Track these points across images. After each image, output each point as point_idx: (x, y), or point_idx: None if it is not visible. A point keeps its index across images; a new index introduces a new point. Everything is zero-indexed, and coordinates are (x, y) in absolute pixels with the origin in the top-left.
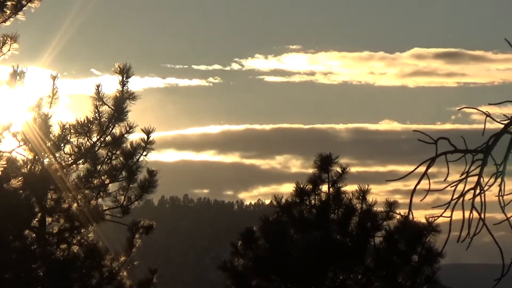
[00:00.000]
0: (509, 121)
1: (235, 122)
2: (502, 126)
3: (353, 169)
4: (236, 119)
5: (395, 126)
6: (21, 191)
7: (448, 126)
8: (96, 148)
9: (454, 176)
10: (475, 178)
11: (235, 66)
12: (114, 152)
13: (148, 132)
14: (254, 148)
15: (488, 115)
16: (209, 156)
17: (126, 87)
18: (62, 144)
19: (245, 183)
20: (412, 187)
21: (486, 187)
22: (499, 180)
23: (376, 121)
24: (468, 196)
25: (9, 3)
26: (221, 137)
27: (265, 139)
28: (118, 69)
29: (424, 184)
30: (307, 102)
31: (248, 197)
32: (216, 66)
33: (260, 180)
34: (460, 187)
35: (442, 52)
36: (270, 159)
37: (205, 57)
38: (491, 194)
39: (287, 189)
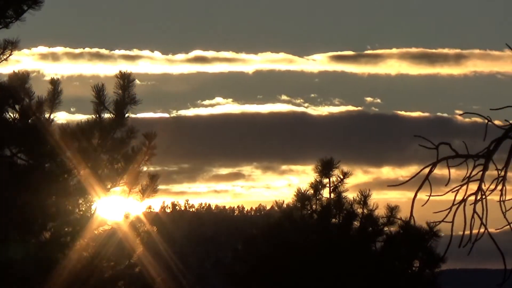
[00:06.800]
0: (510, 126)
1: None
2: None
3: None
4: None
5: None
6: (22, 196)
7: None
8: (97, 152)
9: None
10: (477, 183)
11: None
12: (115, 157)
13: (150, 137)
14: None
15: (489, 120)
16: None
17: (127, 92)
18: (63, 149)
19: None
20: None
21: (488, 192)
22: (500, 185)
23: None
24: (470, 201)
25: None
26: None
27: None
28: (120, 73)
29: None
30: None
31: None
32: None
33: None
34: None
35: None
36: None
37: None
38: (493, 199)
39: None
